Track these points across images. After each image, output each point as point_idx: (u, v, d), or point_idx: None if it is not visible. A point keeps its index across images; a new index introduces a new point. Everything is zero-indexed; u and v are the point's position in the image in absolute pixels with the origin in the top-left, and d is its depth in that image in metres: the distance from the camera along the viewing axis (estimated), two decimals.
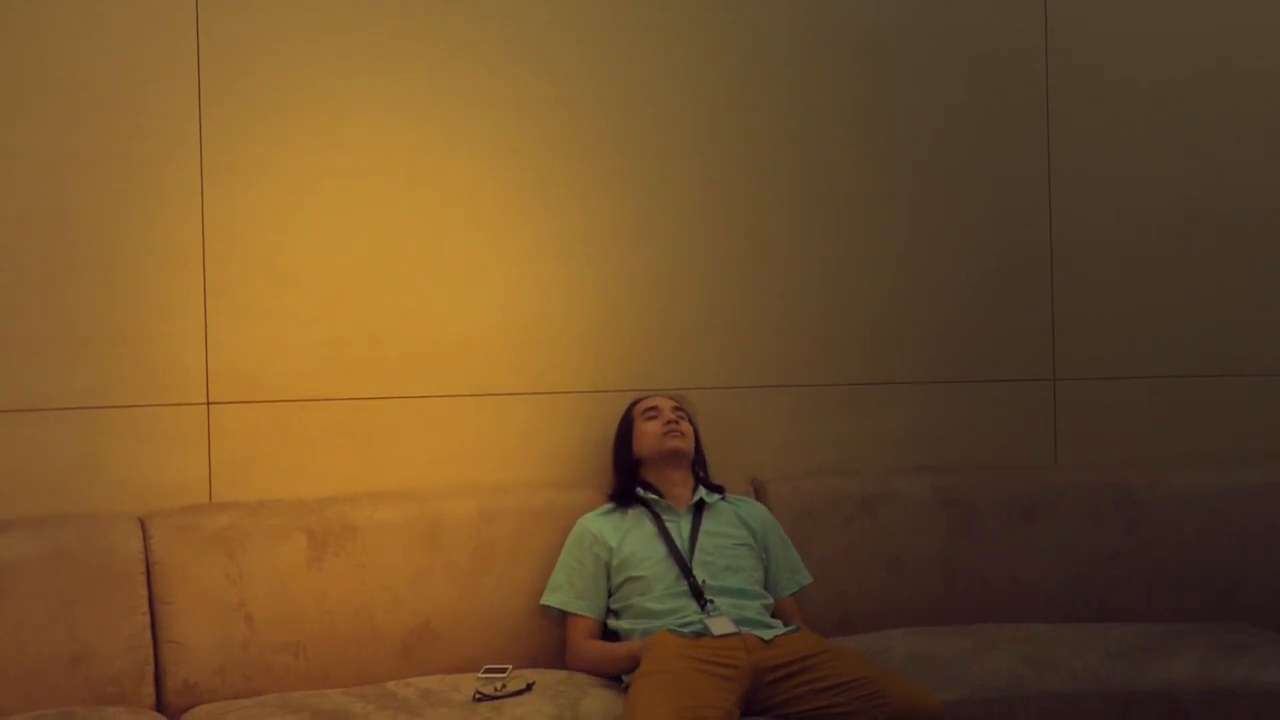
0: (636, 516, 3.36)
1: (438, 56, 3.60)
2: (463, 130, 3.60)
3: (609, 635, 3.30)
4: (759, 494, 3.63)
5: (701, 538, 3.31)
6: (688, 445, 3.44)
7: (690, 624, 3.10)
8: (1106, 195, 4.00)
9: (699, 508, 3.38)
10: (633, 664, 3.05)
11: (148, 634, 3.10)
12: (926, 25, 3.95)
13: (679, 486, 3.42)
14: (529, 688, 3.05)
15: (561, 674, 3.18)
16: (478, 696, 3.00)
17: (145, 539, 3.15)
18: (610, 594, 3.30)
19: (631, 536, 3.31)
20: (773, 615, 3.28)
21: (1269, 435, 3.97)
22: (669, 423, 3.43)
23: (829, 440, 3.84)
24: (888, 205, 3.91)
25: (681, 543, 3.30)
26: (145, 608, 3.10)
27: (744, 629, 3.09)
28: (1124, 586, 3.69)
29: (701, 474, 3.50)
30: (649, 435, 3.44)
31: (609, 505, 3.41)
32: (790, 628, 3.18)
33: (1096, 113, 4.01)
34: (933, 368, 3.92)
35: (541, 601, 3.32)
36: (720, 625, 3.08)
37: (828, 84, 3.88)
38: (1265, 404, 4.00)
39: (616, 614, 3.28)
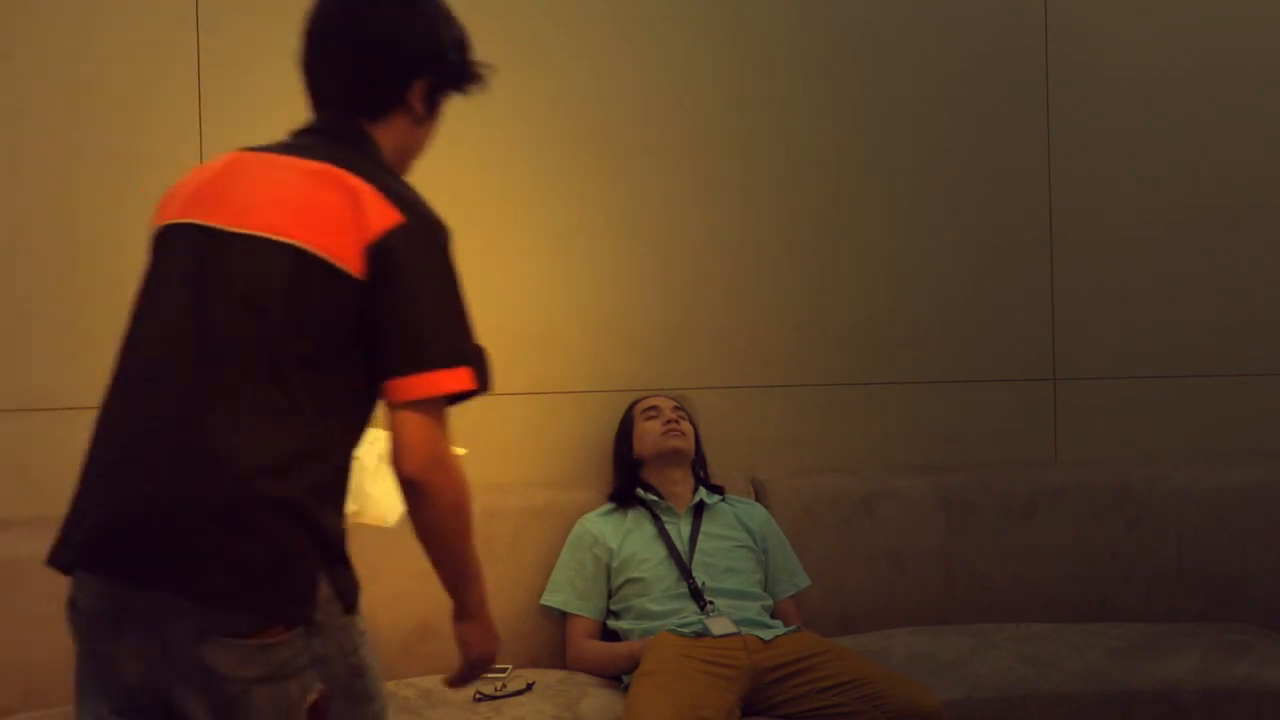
0: (637, 518, 3.36)
1: None
2: (461, 129, 3.56)
3: (609, 635, 3.30)
4: (759, 493, 3.63)
5: (701, 539, 3.31)
6: (688, 445, 3.44)
7: (690, 625, 3.11)
8: (1106, 194, 4.00)
9: (699, 509, 3.38)
10: (633, 664, 3.06)
11: None
12: (926, 23, 3.95)
13: (679, 486, 3.42)
14: (529, 688, 3.05)
15: (561, 674, 3.19)
16: (478, 696, 3.00)
17: None
18: (610, 595, 3.30)
19: (632, 538, 3.31)
20: (772, 617, 3.28)
21: (1269, 435, 3.97)
22: (669, 422, 3.43)
23: (828, 439, 3.84)
24: (888, 203, 3.91)
25: (681, 545, 3.30)
26: None
27: (744, 629, 3.09)
28: (1124, 586, 3.69)
29: (702, 474, 3.50)
30: (649, 435, 3.44)
31: (609, 505, 3.41)
32: (791, 628, 3.18)
33: (1096, 111, 4.00)
34: (932, 367, 3.92)
35: (542, 601, 3.32)
36: (720, 625, 3.08)
37: (826, 82, 3.88)
38: (1265, 404, 4.00)
39: (616, 614, 3.28)
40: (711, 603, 3.17)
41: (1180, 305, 4.00)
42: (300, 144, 1.99)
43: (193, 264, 1.87)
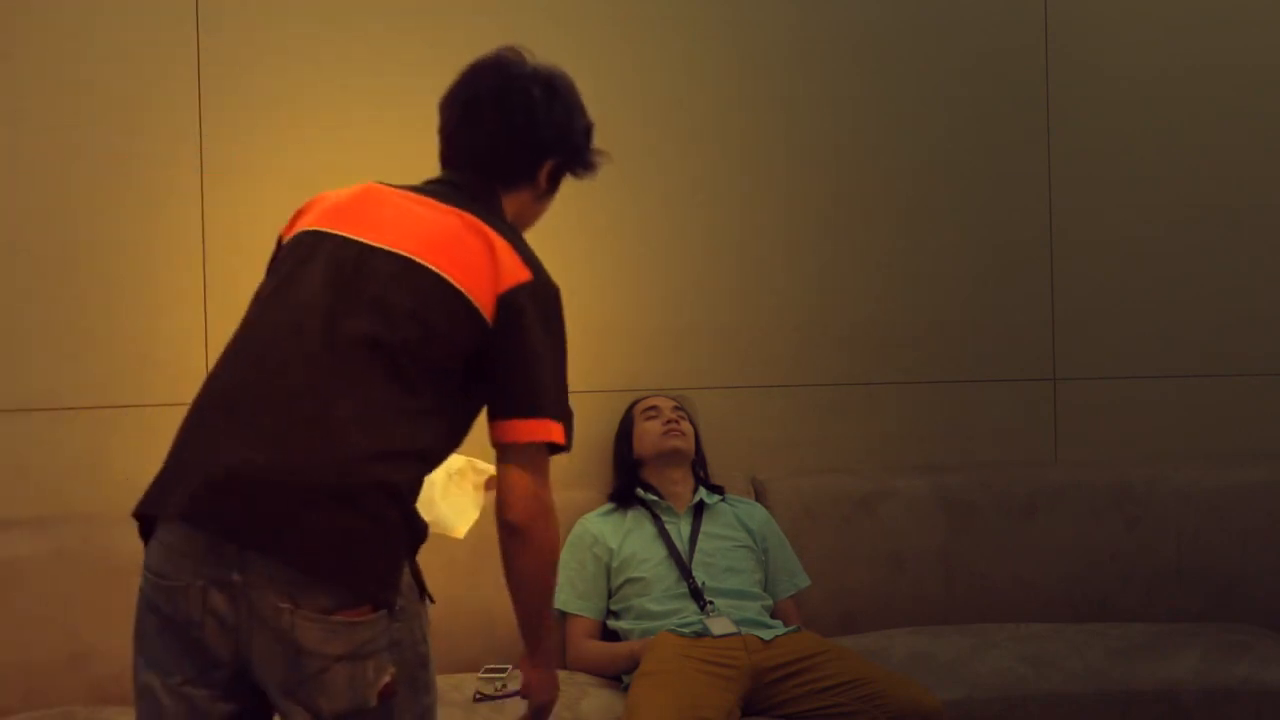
0: (637, 518, 3.36)
1: (438, 55, 3.58)
2: None
3: (609, 635, 3.30)
4: (759, 493, 3.63)
5: (701, 539, 3.31)
6: (688, 445, 3.44)
7: (690, 624, 3.10)
8: (1106, 193, 4.00)
9: (699, 509, 3.38)
10: (633, 664, 3.06)
11: None
12: (926, 23, 3.94)
13: (679, 486, 3.42)
14: None
15: (561, 674, 3.16)
16: (478, 696, 3.00)
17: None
18: (610, 595, 3.30)
19: (632, 538, 3.31)
20: (772, 616, 3.28)
21: (1269, 435, 3.97)
22: (669, 422, 3.43)
23: (828, 439, 3.83)
24: (888, 203, 3.91)
25: (681, 544, 3.30)
26: None
27: (744, 629, 3.09)
28: (1124, 585, 3.69)
29: (702, 473, 3.50)
30: (649, 435, 3.44)
31: (609, 506, 3.41)
32: (791, 628, 3.18)
33: (1096, 111, 4.00)
34: (932, 367, 3.92)
35: None
36: (720, 625, 3.08)
37: (826, 81, 3.88)
38: (1265, 404, 3.99)
39: (616, 614, 3.28)
40: (711, 603, 3.17)
41: (1180, 305, 4.00)
42: (436, 190, 2.13)
43: (331, 266, 1.99)
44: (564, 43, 3.68)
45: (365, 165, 3.50)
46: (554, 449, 2.05)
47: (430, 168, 3.54)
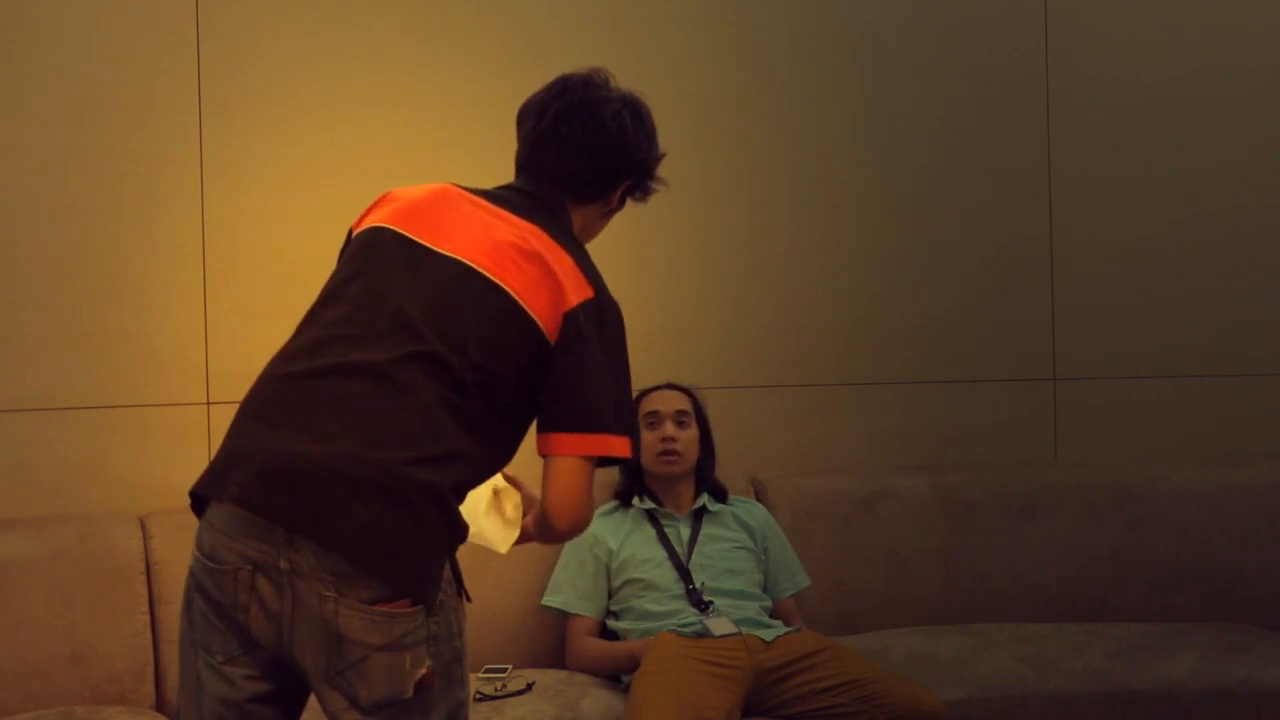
0: (637, 518, 3.35)
1: (437, 55, 3.60)
2: (463, 129, 3.60)
3: (608, 635, 3.29)
4: (759, 493, 3.63)
5: (701, 541, 3.30)
6: (683, 466, 3.36)
7: (690, 625, 3.10)
8: (1106, 193, 4.00)
9: (700, 513, 3.36)
10: (633, 664, 3.05)
11: (148, 634, 3.10)
12: (926, 22, 3.94)
13: (680, 494, 3.39)
14: (529, 688, 3.05)
15: (561, 674, 3.18)
16: (478, 696, 3.00)
17: (145, 539, 3.15)
18: (610, 595, 3.29)
19: (632, 539, 3.30)
20: (772, 616, 3.28)
21: (1269, 434, 3.97)
22: (665, 439, 3.36)
23: (828, 439, 3.83)
24: (888, 203, 3.91)
25: (681, 547, 3.29)
26: (145, 607, 3.11)
27: (744, 629, 3.09)
28: (1124, 585, 3.69)
29: (709, 466, 3.42)
30: (646, 448, 3.36)
31: (612, 504, 3.38)
32: (791, 628, 3.18)
33: (1096, 111, 4.00)
34: (932, 366, 3.92)
35: (543, 602, 3.31)
36: (720, 625, 3.07)
37: (827, 81, 3.88)
38: (1265, 404, 3.99)
39: (616, 615, 3.27)
40: (711, 603, 3.17)
41: (1180, 305, 4.00)
42: (508, 199, 2.15)
43: (394, 267, 2.04)
44: (565, 42, 3.70)
45: (365, 164, 3.52)
46: (614, 461, 2.08)
47: (428, 165, 3.56)
